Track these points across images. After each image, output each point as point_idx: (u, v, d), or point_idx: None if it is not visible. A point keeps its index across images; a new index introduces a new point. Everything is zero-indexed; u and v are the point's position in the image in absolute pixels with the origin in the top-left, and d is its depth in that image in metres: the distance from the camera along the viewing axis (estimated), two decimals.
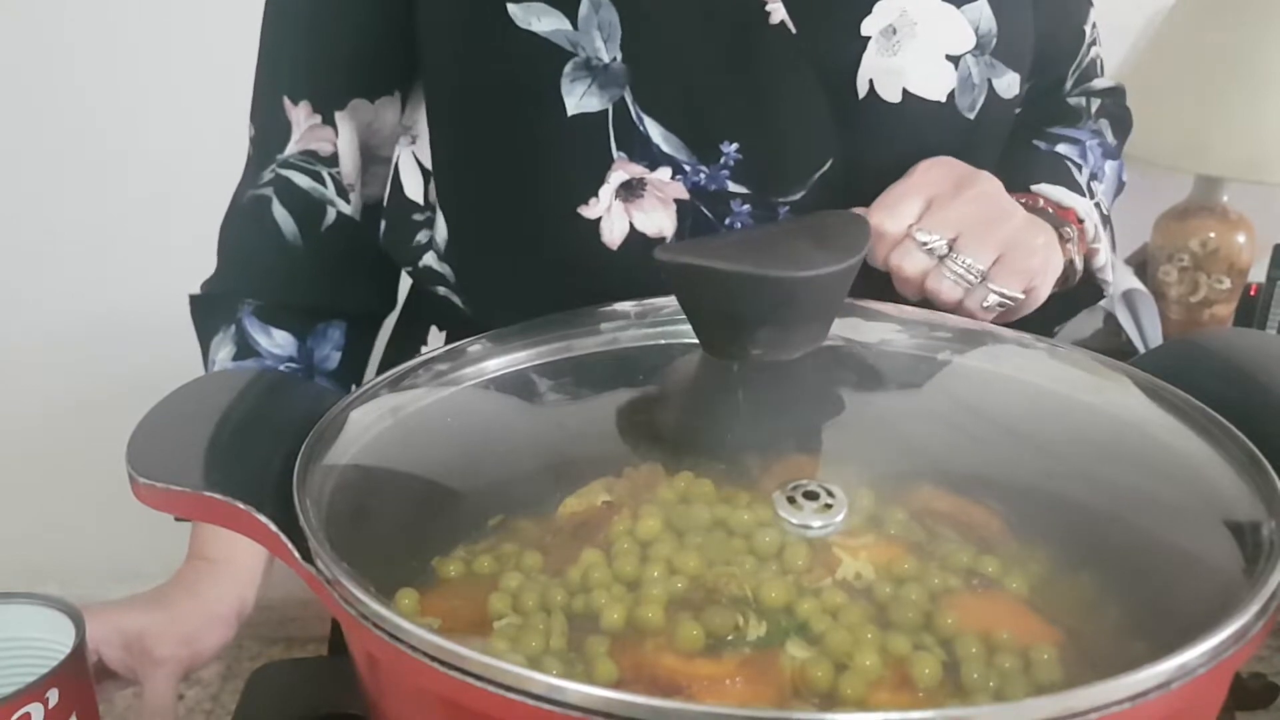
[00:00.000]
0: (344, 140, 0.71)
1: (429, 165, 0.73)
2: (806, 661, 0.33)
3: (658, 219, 0.64)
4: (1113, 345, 1.32)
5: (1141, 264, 1.46)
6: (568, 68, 0.63)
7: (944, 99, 0.65)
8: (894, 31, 0.64)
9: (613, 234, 0.65)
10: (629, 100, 0.63)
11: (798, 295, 0.38)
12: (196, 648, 0.62)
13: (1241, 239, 1.42)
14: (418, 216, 0.73)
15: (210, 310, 0.73)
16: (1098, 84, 0.79)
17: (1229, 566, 0.36)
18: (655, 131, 0.63)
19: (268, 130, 0.71)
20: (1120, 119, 0.79)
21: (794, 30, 0.62)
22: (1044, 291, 0.60)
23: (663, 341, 0.46)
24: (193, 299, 0.75)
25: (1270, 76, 1.30)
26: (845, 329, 0.45)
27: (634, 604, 0.35)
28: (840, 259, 0.38)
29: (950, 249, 0.57)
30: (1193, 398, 0.44)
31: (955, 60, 0.65)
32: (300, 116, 0.70)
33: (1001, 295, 0.57)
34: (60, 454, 1.52)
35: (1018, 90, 0.68)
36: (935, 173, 0.60)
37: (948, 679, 0.33)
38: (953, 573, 0.36)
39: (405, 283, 0.81)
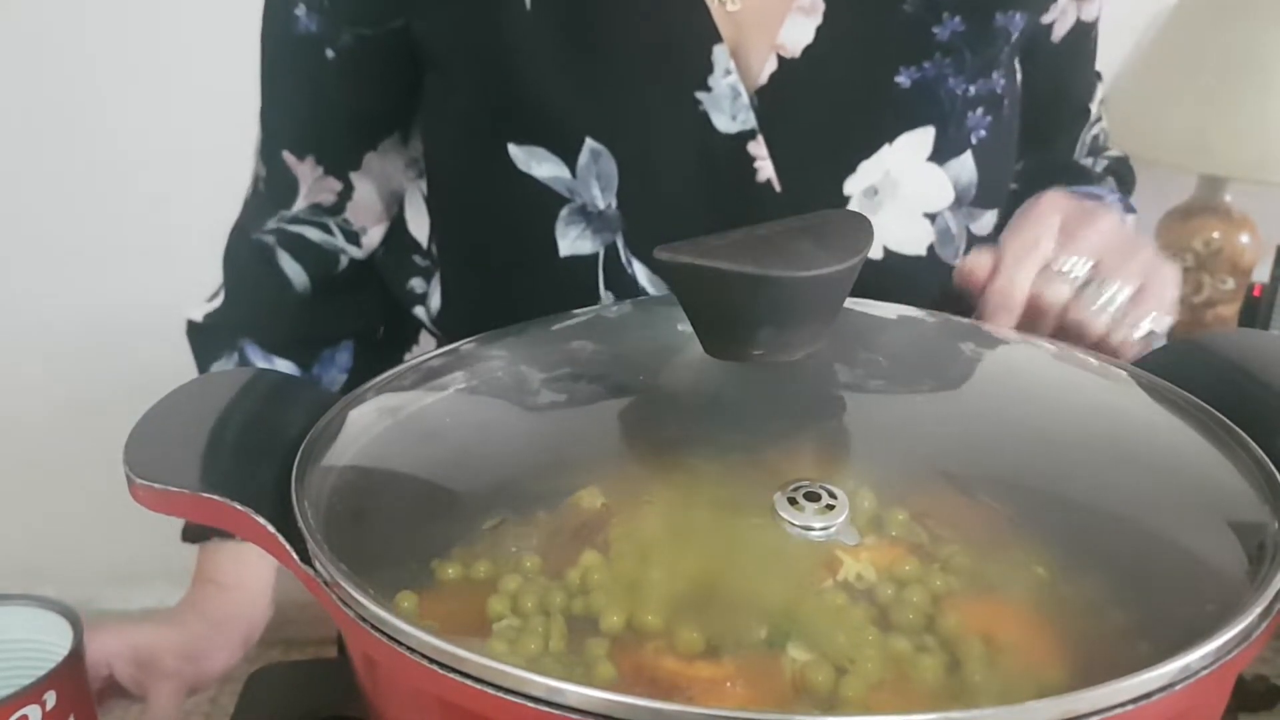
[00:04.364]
0: (363, 192, 0.71)
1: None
2: (807, 664, 0.32)
3: None
4: None
5: None
6: (563, 211, 0.63)
7: (924, 253, 0.66)
8: (875, 191, 0.64)
9: None
10: (620, 245, 0.64)
11: (799, 295, 0.38)
12: (202, 666, 0.63)
13: (1245, 239, 1.42)
14: (417, 259, 0.74)
15: (210, 337, 0.73)
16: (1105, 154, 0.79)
17: (1232, 568, 0.36)
18: (642, 274, 0.65)
19: (272, 180, 0.71)
20: (1125, 180, 0.78)
21: (778, 188, 0.63)
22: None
23: (663, 342, 0.46)
24: (191, 326, 0.74)
25: (1274, 75, 1.30)
26: (847, 329, 0.44)
27: (633, 606, 0.34)
28: (842, 259, 0.38)
29: (1090, 278, 0.55)
30: (1197, 399, 0.44)
31: (932, 217, 0.66)
32: (305, 171, 0.70)
33: (1152, 326, 0.55)
34: (58, 454, 1.52)
35: (995, 223, 0.69)
36: (1060, 202, 0.58)
37: (950, 681, 0.32)
38: (955, 574, 0.36)
39: None
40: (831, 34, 0.62)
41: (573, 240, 0.64)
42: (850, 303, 0.42)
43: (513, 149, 0.63)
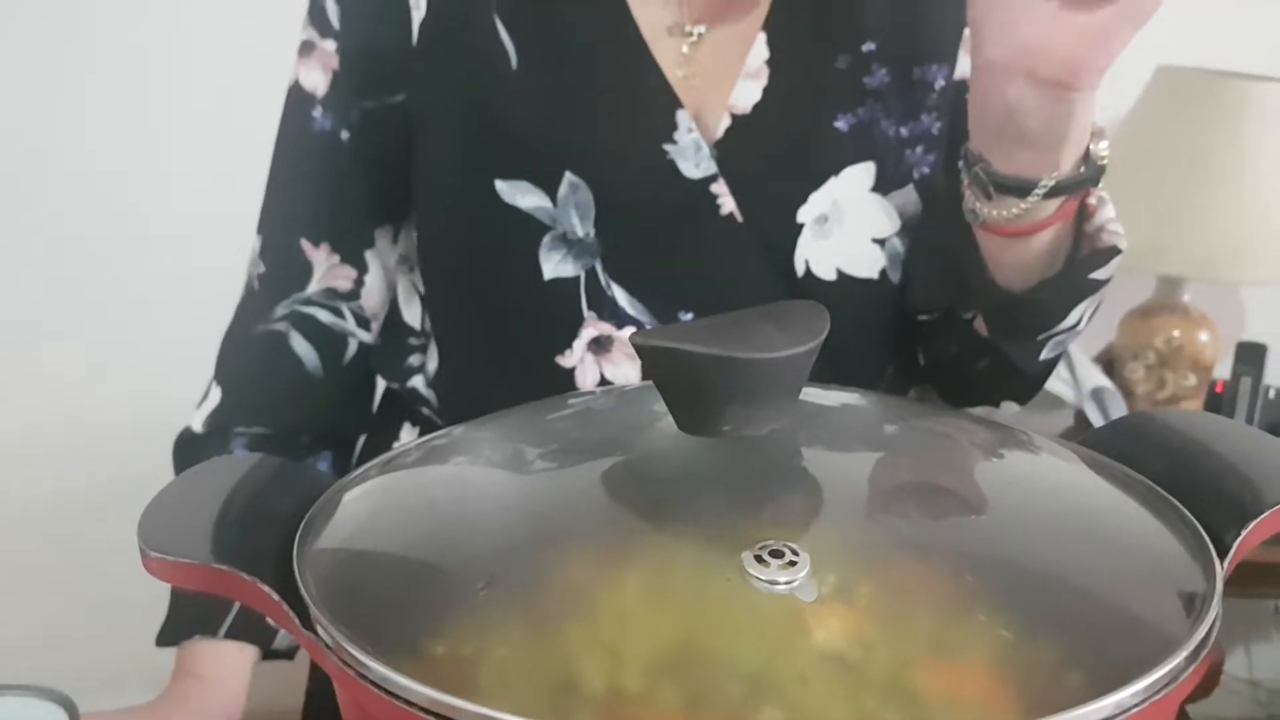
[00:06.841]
0: (373, 275, 0.77)
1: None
2: None
3: (625, 370, 0.72)
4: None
5: (1109, 362, 1.49)
6: (546, 239, 0.70)
7: (877, 276, 0.74)
8: (826, 219, 0.72)
9: (585, 381, 0.72)
10: (599, 269, 0.71)
11: (763, 375, 0.41)
12: None
13: (1205, 337, 1.46)
14: (412, 340, 0.79)
15: (197, 449, 0.76)
16: None
17: (1168, 621, 0.38)
18: (622, 297, 0.71)
19: (283, 270, 0.76)
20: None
21: (740, 219, 0.71)
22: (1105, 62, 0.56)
23: (640, 420, 0.49)
24: (182, 437, 0.77)
25: (1220, 178, 1.36)
26: (809, 408, 0.47)
27: (615, 670, 0.37)
28: (801, 342, 0.41)
29: None
30: (1138, 474, 0.47)
31: (881, 242, 0.73)
32: (320, 257, 0.76)
33: None
34: (51, 555, 1.50)
35: None
36: None
37: None
38: (917, 637, 0.38)
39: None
40: (776, 92, 0.71)
41: (555, 264, 0.70)
42: (810, 386, 0.45)
43: (499, 184, 0.70)
